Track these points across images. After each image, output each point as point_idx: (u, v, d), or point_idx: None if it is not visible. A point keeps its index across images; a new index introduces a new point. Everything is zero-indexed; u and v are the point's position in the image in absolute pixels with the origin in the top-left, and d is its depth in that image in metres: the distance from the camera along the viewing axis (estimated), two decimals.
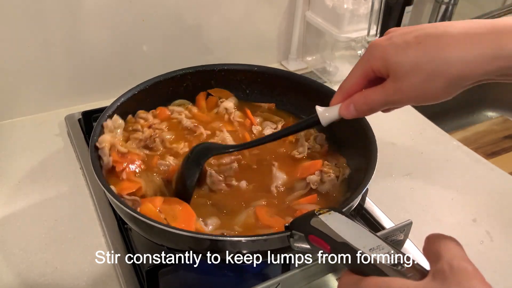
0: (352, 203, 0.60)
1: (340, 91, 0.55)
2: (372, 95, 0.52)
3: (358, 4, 1.02)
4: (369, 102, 0.52)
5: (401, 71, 0.48)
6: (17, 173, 0.81)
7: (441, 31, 0.47)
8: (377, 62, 0.50)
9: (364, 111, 0.53)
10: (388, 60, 0.49)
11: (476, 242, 0.74)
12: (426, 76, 0.47)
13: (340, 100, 0.55)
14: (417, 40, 0.47)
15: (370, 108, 0.53)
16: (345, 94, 0.55)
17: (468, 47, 0.45)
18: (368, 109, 0.53)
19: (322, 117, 0.58)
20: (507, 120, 1.27)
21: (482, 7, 1.32)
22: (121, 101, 0.74)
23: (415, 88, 0.48)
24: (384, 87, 0.50)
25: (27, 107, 0.95)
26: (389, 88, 0.50)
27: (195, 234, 0.55)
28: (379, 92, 0.51)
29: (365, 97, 0.52)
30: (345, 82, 0.55)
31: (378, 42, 0.50)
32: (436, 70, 0.46)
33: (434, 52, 0.46)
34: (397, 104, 0.52)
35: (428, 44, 0.46)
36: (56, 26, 0.88)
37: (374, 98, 0.51)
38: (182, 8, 0.98)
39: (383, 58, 0.49)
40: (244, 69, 0.85)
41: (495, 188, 0.84)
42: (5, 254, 0.67)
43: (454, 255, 0.37)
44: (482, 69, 0.45)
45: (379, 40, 0.50)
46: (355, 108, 0.53)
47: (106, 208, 0.74)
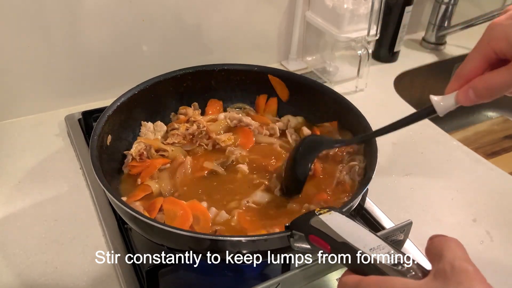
0: (352, 203, 0.60)
1: (457, 78, 0.51)
2: (496, 77, 0.47)
3: (358, 4, 1.02)
4: (493, 85, 0.48)
5: None
6: (17, 173, 0.81)
7: None
8: (500, 43, 0.47)
9: (485, 96, 0.49)
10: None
11: (476, 242, 0.74)
12: None
13: (457, 87, 0.51)
14: None
15: (493, 92, 0.48)
16: (463, 80, 0.50)
17: None
18: (491, 93, 0.48)
19: (438, 107, 0.53)
20: (507, 120, 1.27)
21: (482, 7, 1.32)
22: (121, 101, 0.74)
23: None
24: (508, 68, 0.46)
25: (27, 107, 0.95)
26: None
27: (195, 234, 0.55)
28: (505, 74, 0.47)
29: (486, 81, 0.48)
30: (462, 67, 0.51)
31: (499, 21, 0.47)
32: None
33: None
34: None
35: None
36: (56, 26, 0.88)
37: (499, 81, 0.47)
38: (182, 8, 0.98)
39: (507, 38, 0.46)
40: (244, 69, 0.85)
41: (495, 188, 0.84)
42: (5, 254, 0.67)
43: (456, 255, 0.37)
44: None
45: (500, 20, 0.47)
46: (474, 93, 0.49)
47: (106, 208, 0.74)
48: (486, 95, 0.49)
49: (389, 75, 1.18)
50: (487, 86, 0.48)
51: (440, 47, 1.32)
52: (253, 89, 0.87)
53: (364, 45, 1.06)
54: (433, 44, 1.32)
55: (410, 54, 1.29)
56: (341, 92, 0.79)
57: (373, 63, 1.20)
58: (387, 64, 1.23)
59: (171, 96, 0.83)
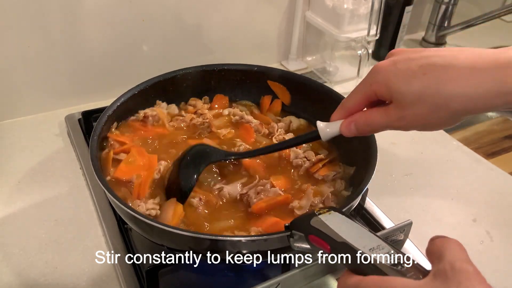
0: (352, 203, 0.60)
1: (342, 109, 0.55)
2: (374, 117, 0.51)
3: (358, 4, 1.02)
4: (371, 123, 0.52)
5: (404, 100, 0.48)
6: (17, 173, 0.81)
7: (447, 63, 0.46)
8: (380, 88, 0.50)
9: (365, 131, 0.53)
10: (392, 88, 0.48)
11: (476, 242, 0.74)
12: (429, 108, 0.46)
13: (341, 117, 0.56)
14: (421, 70, 0.46)
15: (371, 129, 0.53)
16: (346, 112, 0.55)
17: (473, 83, 0.44)
18: (369, 130, 0.53)
19: (323, 133, 0.58)
20: (507, 120, 1.27)
21: (482, 7, 1.32)
22: (121, 101, 0.74)
23: (419, 117, 0.48)
24: (387, 111, 0.50)
25: (27, 107, 0.95)
26: (392, 114, 0.49)
27: (195, 234, 0.55)
28: (382, 116, 0.51)
29: (366, 118, 0.52)
30: (347, 100, 0.55)
31: (382, 66, 0.50)
32: (440, 104, 0.46)
33: (439, 86, 0.45)
34: (399, 129, 0.52)
35: (432, 76, 0.46)
36: (56, 26, 0.88)
37: (376, 121, 0.51)
38: (182, 8, 0.98)
39: (386, 85, 0.49)
40: (244, 69, 0.85)
41: (495, 188, 0.84)
42: (5, 254, 0.67)
43: (456, 256, 0.37)
44: (486, 104, 0.44)
45: (383, 64, 0.50)
46: (356, 127, 0.54)
47: (106, 208, 0.74)
48: (367, 131, 0.53)
49: None
50: (367, 123, 0.52)
51: (440, 47, 1.32)
52: (253, 89, 0.87)
53: (364, 45, 1.06)
54: (433, 44, 1.32)
55: None
56: (341, 92, 0.79)
57: (373, 63, 1.20)
58: None
59: (171, 96, 0.83)
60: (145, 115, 0.79)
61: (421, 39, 1.35)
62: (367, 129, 0.53)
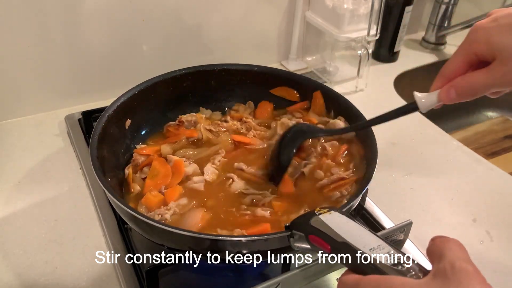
0: (352, 203, 0.60)
1: (440, 77, 0.53)
2: (476, 78, 0.49)
3: (358, 4, 1.02)
4: (473, 85, 0.50)
5: (509, 53, 0.46)
6: (17, 173, 0.81)
7: None
8: (481, 46, 0.48)
9: (466, 95, 0.51)
10: (494, 43, 0.47)
11: (476, 242, 0.74)
12: None
13: (441, 86, 0.53)
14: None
15: (473, 91, 0.50)
16: (445, 79, 0.53)
17: None
18: (471, 92, 0.50)
19: (421, 103, 0.55)
20: (507, 120, 1.27)
21: (482, 7, 1.32)
22: (121, 101, 0.74)
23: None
24: (489, 69, 0.48)
25: (27, 107, 0.95)
26: (496, 70, 0.48)
27: (195, 234, 0.55)
28: (484, 75, 0.48)
29: (467, 81, 0.50)
30: (445, 67, 0.53)
31: (482, 24, 0.48)
32: None
33: None
34: (504, 87, 0.50)
35: None
36: (56, 26, 0.88)
37: (478, 81, 0.49)
38: (182, 8, 0.98)
39: (488, 41, 0.47)
40: (244, 69, 0.85)
41: (495, 188, 0.84)
42: (5, 254, 0.67)
43: (456, 255, 0.37)
44: None
45: (482, 23, 0.48)
46: (456, 92, 0.51)
47: (106, 208, 0.74)
48: (466, 94, 0.51)
49: (389, 75, 1.18)
50: (467, 85, 0.50)
51: (440, 47, 1.32)
52: (253, 89, 0.87)
53: (364, 45, 1.06)
54: (433, 44, 1.32)
55: (410, 54, 1.29)
56: (341, 92, 0.80)
57: (373, 63, 1.20)
58: (387, 64, 1.23)
59: (171, 96, 0.83)
60: (180, 120, 0.80)
61: (421, 39, 1.35)
62: (469, 91, 0.50)
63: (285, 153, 0.70)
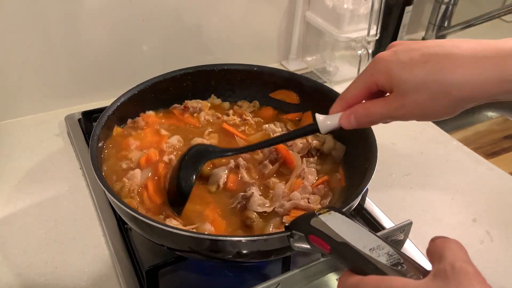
0: (352, 203, 0.60)
1: (341, 101, 0.55)
2: (374, 107, 0.52)
3: (358, 4, 1.02)
4: (371, 114, 0.52)
5: (405, 88, 0.48)
6: (17, 173, 0.81)
7: (448, 52, 0.47)
8: (381, 77, 0.50)
9: (365, 123, 0.53)
10: (393, 76, 0.49)
11: (476, 242, 0.74)
12: (430, 95, 0.47)
13: (340, 110, 0.56)
14: (423, 58, 0.47)
15: (371, 120, 0.53)
16: (345, 104, 0.55)
17: (474, 71, 0.45)
18: (369, 121, 0.53)
19: (322, 126, 0.58)
20: (507, 120, 1.27)
21: (482, 7, 1.32)
22: (121, 101, 0.74)
23: (419, 105, 0.48)
24: (387, 101, 0.50)
25: (27, 107, 0.95)
26: (392, 103, 0.50)
27: (195, 234, 0.55)
28: (382, 106, 0.51)
29: (366, 109, 0.53)
30: (346, 92, 0.55)
31: (383, 56, 0.50)
32: (442, 91, 0.46)
33: (440, 73, 0.46)
34: (398, 119, 0.52)
35: (434, 64, 0.47)
36: (56, 26, 0.88)
37: (376, 111, 0.51)
38: (182, 8, 0.98)
39: (387, 74, 0.49)
40: (244, 69, 0.85)
41: (495, 188, 0.84)
42: (5, 254, 0.67)
43: (456, 256, 0.37)
44: (488, 92, 0.45)
45: (384, 55, 0.50)
46: (355, 119, 0.54)
47: (106, 208, 0.74)
48: (366, 122, 0.53)
49: None
50: (366, 114, 0.52)
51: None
52: (253, 89, 0.87)
53: (364, 45, 1.06)
54: None
55: None
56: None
57: None
58: None
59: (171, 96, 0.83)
60: (186, 105, 0.82)
61: (421, 39, 1.34)
62: (367, 120, 0.53)
63: (185, 178, 0.64)
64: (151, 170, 0.70)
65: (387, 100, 0.50)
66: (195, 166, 0.66)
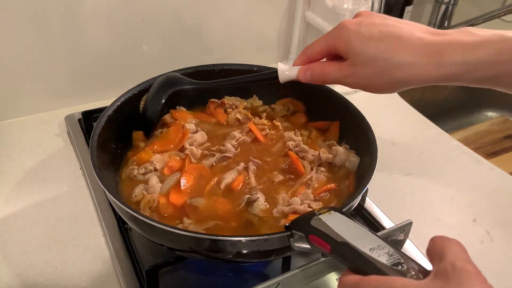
0: (352, 203, 0.60)
1: (303, 55, 0.60)
2: (329, 69, 0.57)
3: (358, 4, 1.02)
4: (325, 74, 0.57)
5: (358, 59, 0.53)
6: (17, 173, 0.81)
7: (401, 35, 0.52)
8: (340, 43, 0.55)
9: (318, 81, 0.58)
10: (350, 46, 0.53)
11: (476, 242, 0.74)
12: (376, 70, 0.53)
13: (301, 63, 0.60)
14: (380, 35, 0.52)
15: (323, 79, 0.58)
16: (306, 59, 0.60)
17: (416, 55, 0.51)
18: (322, 79, 0.58)
19: (281, 74, 0.62)
20: (507, 120, 1.27)
21: (482, 7, 1.32)
22: (121, 101, 0.74)
23: (365, 78, 0.54)
24: (340, 66, 0.55)
25: (27, 107, 0.95)
26: (344, 70, 0.55)
27: (195, 234, 0.55)
28: (335, 69, 0.56)
29: (322, 68, 0.57)
30: (309, 47, 0.59)
31: (347, 25, 0.54)
32: (386, 68, 0.52)
33: (389, 52, 0.51)
34: (346, 86, 0.57)
35: (386, 43, 0.52)
36: (56, 26, 0.88)
37: (330, 73, 0.56)
38: (182, 8, 0.98)
39: (346, 42, 0.54)
40: (244, 69, 0.85)
41: (495, 188, 0.84)
42: (5, 254, 0.67)
43: (457, 256, 0.37)
44: (425, 76, 0.51)
45: (349, 23, 0.54)
46: (311, 75, 0.58)
47: (106, 208, 0.74)
48: (320, 80, 0.58)
49: None
50: (321, 72, 0.58)
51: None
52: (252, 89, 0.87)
53: None
54: None
55: None
56: (341, 92, 0.79)
57: None
58: None
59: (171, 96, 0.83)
60: (223, 101, 0.82)
61: None
62: (320, 78, 0.58)
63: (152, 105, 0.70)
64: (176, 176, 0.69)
65: (341, 65, 0.55)
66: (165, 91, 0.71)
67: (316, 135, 0.80)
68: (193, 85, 0.73)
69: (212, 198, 0.66)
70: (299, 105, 0.85)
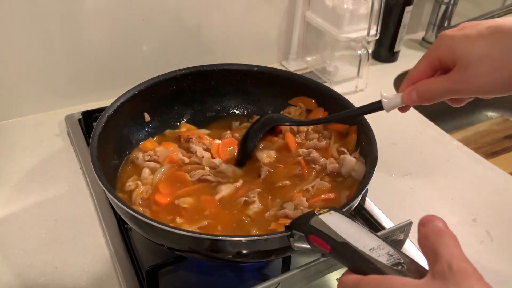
0: (352, 203, 0.60)
1: (407, 79, 0.56)
2: (435, 83, 0.52)
3: (358, 4, 1.02)
4: (432, 89, 0.52)
5: (468, 59, 0.48)
6: (17, 173, 0.82)
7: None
8: (444, 52, 0.51)
9: (426, 98, 0.53)
10: (456, 50, 0.49)
11: (476, 242, 0.74)
12: (494, 65, 0.47)
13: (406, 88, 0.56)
14: (489, 30, 0.48)
15: (432, 96, 0.53)
16: (411, 82, 0.55)
17: None
18: (430, 96, 0.53)
19: (386, 104, 0.59)
20: (507, 120, 1.27)
21: (482, 7, 1.32)
22: (121, 101, 0.74)
23: (481, 77, 0.48)
24: (448, 75, 0.51)
25: (27, 107, 0.95)
26: (454, 77, 0.50)
27: (195, 234, 0.55)
28: (443, 80, 0.51)
29: (427, 84, 0.53)
30: (411, 70, 0.56)
31: (449, 32, 0.51)
32: (506, 60, 0.47)
33: (507, 42, 0.46)
34: (460, 94, 0.51)
35: (501, 34, 0.47)
36: (56, 26, 0.88)
37: (437, 86, 0.52)
38: (182, 8, 0.98)
39: (450, 48, 0.50)
40: (244, 69, 0.85)
41: (495, 188, 0.84)
42: (5, 254, 0.67)
43: (453, 254, 0.36)
44: None
45: (449, 31, 0.51)
46: (417, 94, 0.54)
47: (106, 208, 0.74)
48: (427, 98, 0.53)
49: (389, 75, 1.18)
50: (427, 89, 0.53)
51: None
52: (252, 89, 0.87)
53: (364, 45, 1.06)
54: None
55: (410, 54, 1.29)
56: (341, 92, 0.79)
57: (373, 63, 1.20)
58: (387, 64, 1.23)
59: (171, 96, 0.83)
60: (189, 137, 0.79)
61: (421, 39, 1.35)
62: (428, 95, 0.53)
63: (251, 139, 0.74)
64: None
65: (448, 74, 0.51)
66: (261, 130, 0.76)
67: (335, 140, 0.78)
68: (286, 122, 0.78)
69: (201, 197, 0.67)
70: (310, 102, 0.84)
